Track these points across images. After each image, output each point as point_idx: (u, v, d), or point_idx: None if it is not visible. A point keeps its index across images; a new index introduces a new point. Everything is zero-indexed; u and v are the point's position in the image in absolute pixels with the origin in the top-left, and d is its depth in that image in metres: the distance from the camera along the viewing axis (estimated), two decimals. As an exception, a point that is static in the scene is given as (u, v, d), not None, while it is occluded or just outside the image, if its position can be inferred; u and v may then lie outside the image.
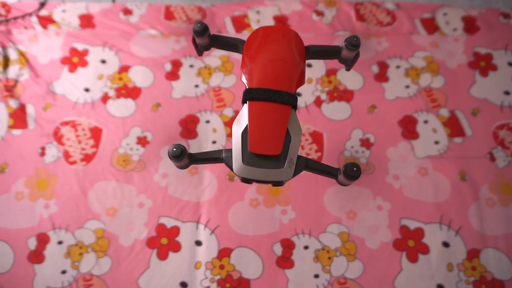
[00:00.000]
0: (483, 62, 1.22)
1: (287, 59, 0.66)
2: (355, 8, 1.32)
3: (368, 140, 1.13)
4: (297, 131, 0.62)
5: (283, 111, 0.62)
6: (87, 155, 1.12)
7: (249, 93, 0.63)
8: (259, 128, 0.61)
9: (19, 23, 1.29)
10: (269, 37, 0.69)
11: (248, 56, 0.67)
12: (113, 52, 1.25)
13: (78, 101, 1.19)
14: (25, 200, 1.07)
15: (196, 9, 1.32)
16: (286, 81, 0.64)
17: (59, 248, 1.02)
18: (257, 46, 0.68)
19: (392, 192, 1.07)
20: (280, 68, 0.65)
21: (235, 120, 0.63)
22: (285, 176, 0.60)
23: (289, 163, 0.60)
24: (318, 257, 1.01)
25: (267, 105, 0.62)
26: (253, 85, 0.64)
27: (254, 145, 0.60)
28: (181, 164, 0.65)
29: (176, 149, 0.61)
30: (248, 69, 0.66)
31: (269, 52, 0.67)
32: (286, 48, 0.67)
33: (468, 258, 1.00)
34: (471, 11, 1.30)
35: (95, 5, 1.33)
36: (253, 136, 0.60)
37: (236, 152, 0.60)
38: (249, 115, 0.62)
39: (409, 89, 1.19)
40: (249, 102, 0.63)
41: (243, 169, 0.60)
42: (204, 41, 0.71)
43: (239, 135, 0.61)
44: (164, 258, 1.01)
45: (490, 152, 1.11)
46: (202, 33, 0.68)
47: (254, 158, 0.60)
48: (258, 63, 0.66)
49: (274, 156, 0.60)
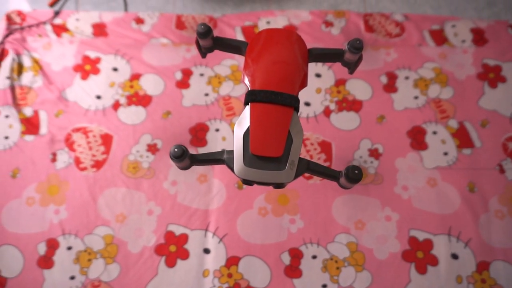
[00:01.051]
0: (492, 73, 1.23)
1: (290, 61, 0.66)
2: (364, 19, 1.33)
3: (376, 150, 1.13)
4: (298, 133, 0.62)
5: (285, 113, 0.62)
6: (97, 161, 1.13)
7: (251, 94, 0.63)
8: (261, 130, 0.61)
9: (33, 31, 1.31)
10: (272, 39, 0.69)
11: (250, 58, 0.67)
12: (124, 60, 1.27)
13: (89, 108, 1.20)
14: (36, 206, 1.08)
15: (207, 18, 1.34)
16: (288, 83, 0.64)
17: (68, 253, 1.03)
18: (260, 48, 0.68)
19: (400, 202, 1.07)
20: (282, 70, 0.65)
21: (237, 122, 0.63)
22: (286, 178, 0.60)
23: (291, 165, 0.60)
24: (326, 267, 1.00)
25: (269, 107, 0.62)
26: (255, 87, 0.64)
27: (256, 146, 0.60)
28: (182, 164, 0.64)
29: (178, 149, 0.61)
30: (251, 71, 0.66)
31: (271, 54, 0.67)
32: (289, 50, 0.67)
33: (478, 271, 0.99)
34: (480, 23, 1.31)
35: (108, 14, 1.35)
36: (254, 138, 0.60)
37: (238, 154, 0.60)
38: (251, 116, 0.61)
39: (418, 100, 1.20)
40: (251, 104, 0.63)
41: (244, 171, 0.60)
42: (207, 43, 0.71)
43: (240, 136, 0.61)
44: (172, 265, 1.01)
45: (500, 164, 1.10)
46: (205, 35, 0.68)
47: (255, 160, 0.60)
48: (261, 65, 0.66)
49: (276, 158, 0.60)
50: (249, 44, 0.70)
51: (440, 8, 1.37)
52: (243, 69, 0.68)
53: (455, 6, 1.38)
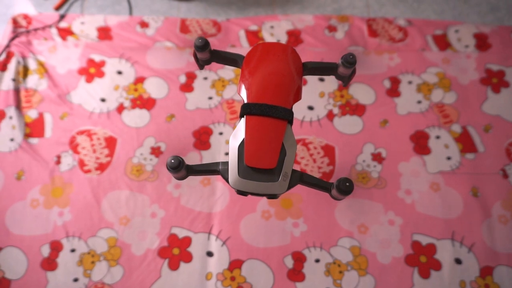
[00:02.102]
0: (495, 78, 1.23)
1: (285, 75, 0.68)
2: (367, 24, 1.34)
3: (380, 154, 1.14)
4: (292, 146, 0.63)
5: (279, 126, 0.63)
6: (101, 164, 1.13)
7: (247, 107, 0.64)
8: (255, 142, 0.62)
9: (39, 34, 1.32)
10: (267, 53, 0.70)
11: (246, 71, 0.69)
12: (129, 64, 1.28)
13: (94, 111, 1.21)
14: (40, 208, 1.08)
15: (211, 23, 1.35)
16: (282, 96, 0.66)
17: (71, 256, 1.03)
18: (255, 62, 0.69)
19: (404, 207, 1.07)
20: (277, 84, 0.66)
21: (232, 134, 0.64)
22: (279, 189, 0.62)
23: (284, 177, 0.61)
24: (329, 271, 1.00)
25: (264, 120, 0.63)
26: (250, 100, 0.65)
27: (250, 158, 0.61)
28: (179, 175, 0.66)
29: (174, 160, 0.62)
30: (246, 84, 0.67)
31: (267, 67, 0.68)
32: (284, 63, 0.69)
33: (481, 276, 0.99)
34: (483, 28, 1.31)
35: (113, 18, 1.36)
36: (249, 150, 0.61)
37: (232, 165, 0.62)
38: (246, 129, 0.63)
39: (421, 104, 1.20)
40: (246, 117, 0.64)
41: (238, 182, 0.61)
42: (205, 56, 0.73)
43: (235, 148, 0.62)
44: (175, 268, 1.01)
45: (503, 168, 1.10)
46: (203, 48, 0.70)
47: (250, 171, 0.61)
48: (256, 78, 0.67)
49: (269, 170, 0.61)
50: (245, 57, 0.71)
51: (443, 13, 1.38)
52: (239, 81, 0.69)
53: (458, 11, 1.38)
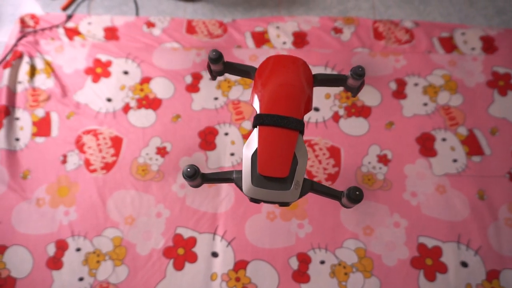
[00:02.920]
0: (501, 81, 1.22)
1: (296, 86, 0.70)
2: (373, 26, 1.34)
3: (385, 156, 1.13)
4: (303, 155, 0.66)
5: (291, 136, 0.65)
6: (107, 163, 1.14)
7: (260, 118, 0.67)
8: (268, 151, 0.64)
9: (46, 34, 1.33)
10: (279, 65, 0.73)
11: (259, 83, 0.71)
12: (135, 64, 1.28)
13: (100, 110, 1.21)
14: (46, 207, 1.09)
15: (217, 23, 1.36)
16: (294, 107, 0.68)
17: (77, 255, 1.03)
18: (268, 73, 0.72)
19: (409, 209, 1.07)
20: (288, 95, 0.69)
21: (246, 144, 0.66)
22: (291, 197, 0.63)
23: (296, 185, 0.63)
24: (335, 273, 1.00)
25: (276, 130, 0.66)
26: (263, 111, 0.68)
27: (263, 167, 0.63)
28: (194, 183, 0.68)
29: (190, 169, 0.65)
30: (259, 95, 0.70)
31: (278, 79, 0.71)
32: (295, 75, 0.71)
33: (488, 279, 0.98)
34: (489, 31, 1.31)
35: (119, 18, 1.37)
36: (262, 159, 0.63)
37: (246, 174, 0.64)
38: (259, 139, 0.65)
39: (427, 106, 1.20)
40: (259, 127, 0.66)
41: (252, 190, 0.63)
42: (218, 68, 0.75)
43: (249, 157, 0.65)
44: (180, 268, 1.01)
45: (509, 171, 1.10)
46: (217, 60, 0.72)
47: (263, 180, 0.63)
48: (268, 89, 0.70)
49: (282, 178, 0.63)
50: (257, 69, 0.74)
51: (449, 16, 1.38)
52: (251, 92, 0.71)
53: (464, 14, 1.38)
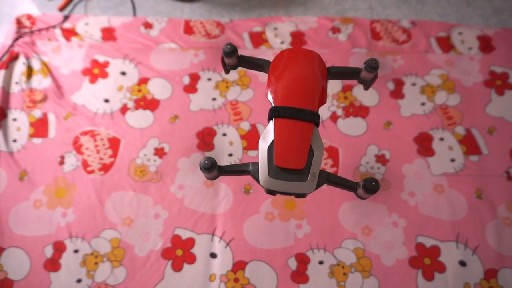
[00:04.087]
0: (499, 81, 1.23)
1: (310, 79, 0.70)
2: (371, 26, 1.34)
3: (383, 156, 1.13)
4: (319, 147, 0.66)
5: (306, 128, 0.66)
6: (105, 164, 1.13)
7: (275, 111, 0.67)
8: (284, 143, 0.64)
9: (43, 35, 1.32)
10: (293, 58, 0.73)
11: (274, 76, 0.72)
12: (133, 65, 1.28)
13: (97, 111, 1.21)
14: (43, 208, 1.08)
15: (215, 24, 1.35)
16: (309, 99, 0.68)
17: (75, 256, 1.03)
18: (282, 67, 0.72)
19: (407, 208, 1.07)
20: (303, 87, 0.69)
21: (262, 136, 0.66)
22: (308, 188, 0.64)
23: (312, 177, 0.63)
24: (333, 273, 1.00)
25: (292, 122, 0.66)
26: (278, 103, 0.68)
27: (280, 159, 0.63)
28: (211, 175, 0.69)
29: (208, 161, 0.65)
30: (274, 88, 0.70)
31: (293, 72, 0.71)
32: (309, 68, 0.71)
33: (486, 278, 0.98)
34: (487, 31, 1.31)
35: (116, 19, 1.36)
36: (278, 151, 0.64)
37: (263, 166, 0.64)
38: (275, 131, 0.65)
39: (424, 106, 1.20)
40: (275, 119, 0.66)
41: (269, 181, 0.63)
42: (232, 61, 0.75)
43: (265, 149, 0.65)
44: (178, 269, 1.01)
45: (507, 171, 1.10)
46: (231, 54, 0.73)
47: (279, 172, 0.63)
48: (283, 82, 0.70)
49: (298, 170, 0.63)
50: (271, 62, 0.74)
51: (446, 15, 1.38)
52: (266, 86, 0.72)
53: (461, 14, 1.38)
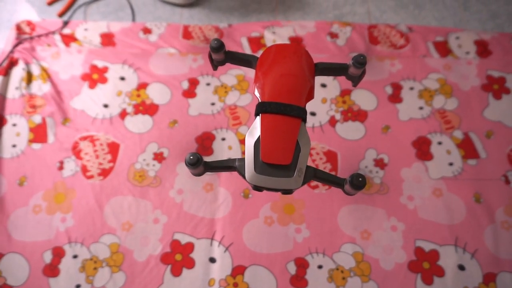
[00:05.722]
0: (496, 85, 1.24)
1: (298, 75, 0.70)
2: (368, 31, 1.35)
3: (382, 160, 1.14)
4: (306, 143, 0.66)
5: (293, 123, 0.65)
6: (104, 169, 1.13)
7: (262, 106, 0.66)
8: (271, 139, 0.64)
9: (42, 40, 1.33)
10: (281, 54, 0.72)
11: (261, 71, 0.71)
12: (132, 70, 1.28)
13: (97, 116, 1.21)
14: (42, 214, 1.08)
15: (214, 29, 1.36)
16: (296, 95, 0.68)
17: (74, 262, 1.03)
18: (269, 62, 0.72)
19: (406, 212, 1.07)
20: (291, 83, 0.69)
21: (248, 131, 0.66)
22: (295, 184, 0.63)
23: (299, 172, 0.63)
24: (332, 277, 1.00)
25: (279, 118, 0.65)
26: (265, 99, 0.67)
27: (266, 155, 0.63)
28: (197, 171, 0.68)
29: (193, 157, 0.65)
30: (261, 84, 0.69)
31: (280, 67, 0.70)
32: (297, 64, 0.71)
33: (485, 282, 0.98)
34: (483, 35, 1.32)
35: (116, 24, 1.37)
36: (265, 147, 0.63)
37: (249, 161, 0.63)
38: (262, 126, 0.65)
39: (422, 110, 1.21)
40: (262, 115, 0.66)
41: (255, 177, 0.63)
42: (219, 57, 0.75)
43: (251, 145, 0.64)
44: (178, 274, 1.01)
45: (505, 174, 1.11)
46: (218, 49, 0.72)
47: (266, 167, 0.63)
48: (270, 78, 0.69)
49: (285, 166, 0.63)
50: (259, 58, 0.74)
51: (444, 20, 1.39)
52: (253, 82, 0.71)
53: (458, 18, 1.39)
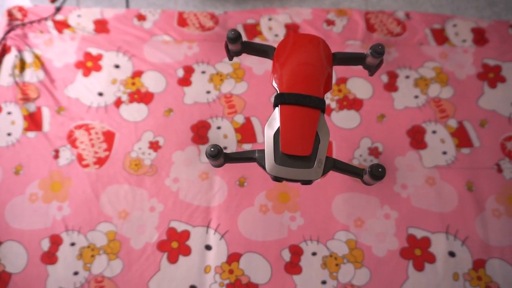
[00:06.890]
0: (491, 73, 1.24)
1: (316, 65, 0.69)
2: (365, 18, 1.33)
3: (376, 149, 1.15)
4: (325, 134, 0.65)
5: (312, 114, 0.65)
6: (100, 158, 1.14)
7: (281, 97, 0.66)
8: (291, 130, 0.64)
9: (35, 27, 1.31)
10: (298, 44, 0.72)
11: (278, 62, 0.70)
12: (126, 57, 1.27)
13: (91, 105, 1.21)
14: (39, 202, 1.09)
15: (209, 15, 1.34)
16: (315, 86, 0.67)
17: (71, 249, 1.04)
18: (287, 52, 0.71)
19: (399, 201, 1.09)
20: (309, 74, 0.68)
21: (267, 123, 0.66)
22: (315, 175, 0.63)
23: (318, 163, 0.63)
24: (326, 264, 1.02)
25: (298, 109, 0.65)
26: (283, 90, 0.67)
27: (286, 146, 0.63)
28: (217, 163, 0.68)
29: (214, 149, 0.65)
30: (279, 74, 0.69)
31: (298, 58, 0.70)
32: (315, 54, 0.70)
33: (474, 268, 1.01)
34: (481, 23, 1.31)
35: (109, 11, 1.35)
36: (284, 138, 0.63)
37: (269, 153, 0.63)
38: (281, 118, 0.64)
39: (418, 99, 1.21)
40: (281, 106, 0.65)
41: (275, 168, 0.63)
42: (236, 48, 0.74)
43: (271, 136, 0.64)
44: (174, 261, 1.03)
45: (498, 163, 1.12)
46: (235, 40, 0.71)
47: (286, 158, 0.63)
48: (288, 68, 0.69)
49: (305, 157, 0.63)
50: (276, 48, 0.72)
51: (441, 7, 1.38)
52: (271, 73, 0.71)
53: (456, 6, 1.38)
